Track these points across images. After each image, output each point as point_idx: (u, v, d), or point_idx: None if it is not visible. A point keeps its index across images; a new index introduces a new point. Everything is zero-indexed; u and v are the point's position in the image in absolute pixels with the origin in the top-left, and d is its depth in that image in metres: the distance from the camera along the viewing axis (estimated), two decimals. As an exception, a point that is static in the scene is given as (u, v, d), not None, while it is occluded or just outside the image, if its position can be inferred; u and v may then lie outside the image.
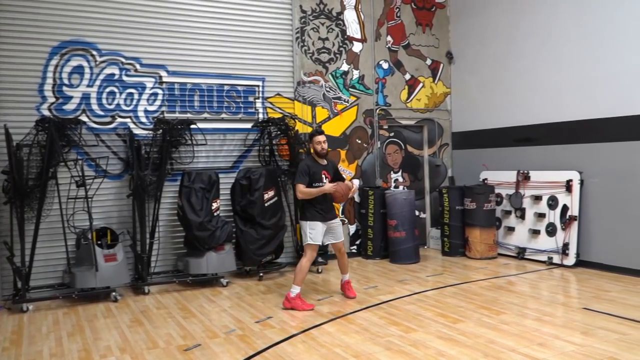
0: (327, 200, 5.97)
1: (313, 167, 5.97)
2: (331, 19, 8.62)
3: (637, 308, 5.30)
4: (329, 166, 6.12)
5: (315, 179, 5.92)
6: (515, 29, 8.33)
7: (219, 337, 4.90)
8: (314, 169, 5.97)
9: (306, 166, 5.96)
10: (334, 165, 6.28)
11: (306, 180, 5.87)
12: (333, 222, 6.04)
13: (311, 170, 5.94)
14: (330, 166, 6.14)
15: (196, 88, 7.64)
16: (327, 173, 6.04)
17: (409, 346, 4.49)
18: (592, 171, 7.19)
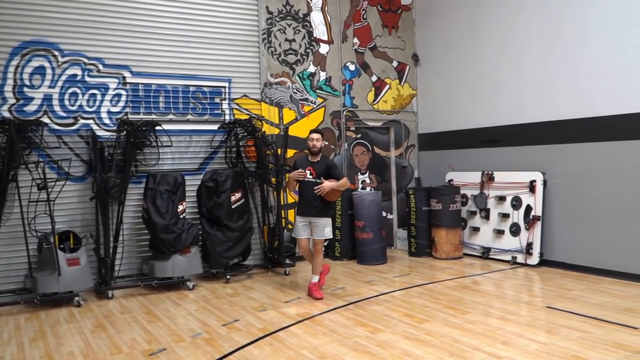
0: (308, 197, 6.16)
1: (299, 163, 6.38)
2: (298, 20, 8.61)
3: (599, 306, 5.43)
4: (319, 164, 6.27)
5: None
6: (479, 32, 8.47)
7: (185, 341, 4.83)
8: (300, 164, 6.33)
9: (294, 161, 6.61)
10: (326, 163, 6.36)
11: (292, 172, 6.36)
12: (315, 220, 6.20)
13: (297, 165, 6.39)
14: (320, 164, 6.28)
15: (161, 89, 7.53)
16: (312, 169, 6.22)
17: (375, 347, 4.51)
18: (555, 172, 7.35)
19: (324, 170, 6.27)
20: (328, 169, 6.30)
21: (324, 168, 6.28)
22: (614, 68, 6.57)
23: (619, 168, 6.57)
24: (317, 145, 6.25)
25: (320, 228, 6.22)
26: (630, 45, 6.38)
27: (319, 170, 6.24)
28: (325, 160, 6.42)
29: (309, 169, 6.24)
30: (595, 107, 6.80)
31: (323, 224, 6.23)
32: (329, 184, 6.12)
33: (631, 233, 6.44)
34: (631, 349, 4.23)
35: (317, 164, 6.27)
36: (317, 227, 6.21)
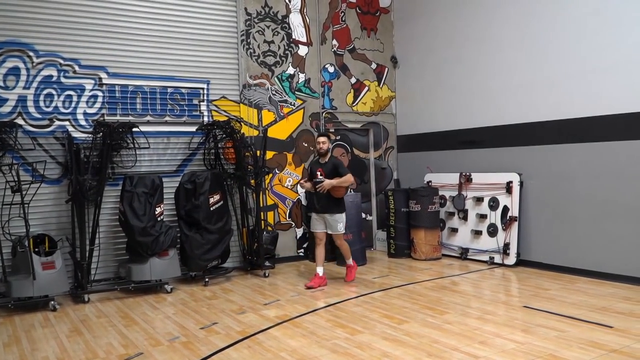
0: (320, 196, 6.74)
1: (313, 166, 7.04)
2: (276, 22, 8.60)
3: (575, 306, 5.50)
4: (327, 164, 6.82)
5: (312, 176, 6.89)
6: (457, 34, 8.54)
7: (162, 345, 4.78)
8: (313, 167, 6.98)
9: (309, 165, 7.37)
10: (333, 163, 6.88)
11: (308, 176, 7.04)
12: (327, 217, 6.79)
13: (311, 168, 7.05)
14: (328, 164, 6.83)
15: (138, 90, 7.46)
16: (321, 170, 6.78)
17: (354, 348, 4.51)
18: (531, 173, 7.44)
19: (331, 169, 6.77)
20: (335, 168, 6.79)
21: (331, 167, 6.79)
22: (589, 70, 6.68)
23: (593, 169, 6.67)
24: (323, 147, 6.83)
25: (334, 225, 6.82)
26: (605, 48, 6.49)
27: (326, 170, 6.77)
28: (333, 160, 6.95)
29: (319, 170, 6.81)
30: (570, 109, 6.90)
31: (336, 220, 6.80)
32: (328, 182, 6.63)
33: (606, 233, 6.55)
34: (606, 347, 4.29)
35: (325, 165, 6.83)
36: (331, 222, 6.80)
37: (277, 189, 8.57)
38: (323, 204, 6.78)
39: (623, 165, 6.36)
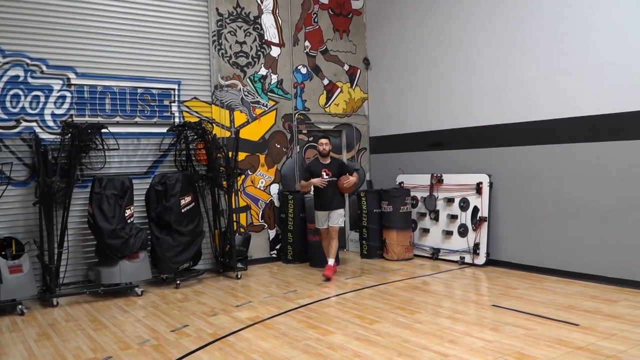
0: (326, 194, 7.21)
1: (314, 166, 7.40)
2: (248, 22, 8.58)
3: (542, 304, 5.61)
4: (332, 164, 7.34)
5: (315, 175, 7.25)
6: (429, 37, 8.64)
7: (132, 348, 4.72)
8: (314, 167, 7.37)
9: (308, 165, 7.64)
10: (338, 163, 7.47)
11: (307, 176, 7.37)
12: (332, 212, 7.26)
13: (312, 168, 7.38)
14: (333, 164, 7.35)
15: (107, 91, 7.35)
16: (327, 170, 7.25)
17: (326, 349, 4.52)
18: (501, 174, 7.56)
19: (337, 169, 7.33)
20: (341, 168, 7.39)
21: (337, 167, 7.35)
22: (556, 73, 6.82)
23: (559, 170, 6.81)
24: (326, 148, 7.34)
25: (337, 218, 7.31)
26: (572, 51, 6.63)
27: (333, 170, 7.30)
28: (336, 161, 7.53)
29: (324, 170, 7.26)
30: (538, 112, 7.04)
31: (340, 214, 7.35)
32: (353, 179, 7.25)
33: (572, 233, 6.69)
34: (572, 345, 4.38)
35: (330, 165, 7.33)
36: (334, 216, 7.29)
37: (249, 190, 8.54)
38: (330, 201, 7.26)
39: (587, 166, 6.51)
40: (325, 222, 7.37)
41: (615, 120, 6.21)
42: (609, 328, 4.74)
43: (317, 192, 7.36)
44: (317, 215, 7.43)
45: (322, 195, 7.29)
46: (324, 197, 7.28)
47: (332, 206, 7.29)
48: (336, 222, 7.32)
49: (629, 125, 6.09)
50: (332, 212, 7.30)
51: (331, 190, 7.26)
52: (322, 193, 7.27)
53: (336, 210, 7.32)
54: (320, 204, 7.35)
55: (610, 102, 6.26)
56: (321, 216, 7.37)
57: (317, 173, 7.31)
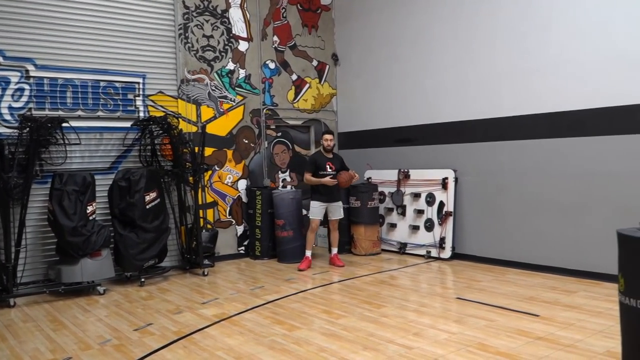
0: (328, 186, 7.49)
1: (319, 159, 7.66)
2: (216, 16, 8.47)
3: (504, 296, 5.69)
4: (335, 159, 7.74)
5: (320, 168, 7.56)
6: (396, 34, 8.67)
7: (93, 349, 4.62)
8: (320, 160, 7.63)
9: (313, 158, 7.80)
10: (339, 158, 7.85)
11: (312, 169, 7.59)
12: (333, 204, 7.64)
13: (317, 161, 7.62)
14: (335, 159, 7.76)
15: (69, 84, 7.17)
16: (331, 164, 7.62)
17: (292, 344, 4.50)
18: (465, 169, 7.65)
19: (339, 164, 7.73)
20: (342, 163, 7.80)
21: (339, 162, 7.76)
22: (518, 71, 6.92)
23: (523, 165, 6.92)
24: (330, 144, 7.67)
25: (338, 210, 7.76)
26: (533, 49, 6.74)
27: (336, 164, 7.68)
28: (338, 156, 7.93)
29: (328, 164, 7.62)
30: (501, 108, 7.13)
31: (340, 205, 7.79)
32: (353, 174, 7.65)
33: (534, 226, 6.81)
34: (532, 335, 4.45)
35: (333, 160, 7.70)
36: (336, 209, 7.71)
37: (216, 186, 8.45)
38: (332, 193, 7.61)
39: (548, 161, 6.63)
40: (320, 213, 7.59)
41: (574, 117, 6.33)
42: (568, 318, 4.84)
43: (320, 184, 7.57)
44: (314, 205, 7.60)
45: (325, 187, 7.54)
46: (327, 189, 7.55)
47: (333, 198, 7.62)
48: (339, 214, 7.76)
49: (587, 122, 6.22)
50: (334, 205, 7.66)
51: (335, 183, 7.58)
52: (326, 186, 7.52)
53: (336, 203, 7.70)
54: (322, 196, 7.57)
55: (569, 100, 6.38)
56: (319, 206, 7.58)
57: (322, 166, 7.58)
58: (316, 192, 7.63)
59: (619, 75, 5.93)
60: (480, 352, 4.13)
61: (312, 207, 7.65)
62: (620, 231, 2.98)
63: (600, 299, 5.42)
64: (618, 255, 3.02)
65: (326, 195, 7.58)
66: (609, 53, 6.00)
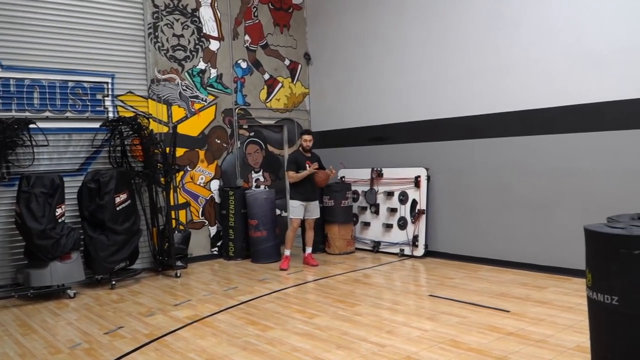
0: (307, 185, 7.59)
1: (299, 158, 7.72)
2: (186, 15, 8.39)
3: (476, 292, 5.77)
4: (313, 158, 7.78)
5: (301, 167, 7.60)
6: (366, 34, 8.70)
7: (63, 353, 4.54)
8: (300, 159, 7.69)
9: (294, 157, 7.83)
10: (317, 157, 7.86)
11: (294, 167, 7.62)
12: (311, 203, 7.69)
13: (298, 160, 7.67)
14: (313, 158, 7.78)
15: (36, 84, 7.02)
16: (310, 162, 7.66)
17: (265, 344, 4.49)
18: (437, 167, 7.72)
19: (318, 162, 7.80)
20: (319, 162, 7.83)
21: (317, 161, 7.80)
22: (488, 70, 7.01)
23: (493, 163, 7.02)
24: (309, 144, 7.74)
25: (316, 209, 7.80)
26: (503, 47, 6.83)
27: (314, 163, 7.73)
28: (315, 155, 7.92)
29: (307, 162, 7.64)
30: (472, 107, 7.22)
31: (317, 205, 7.85)
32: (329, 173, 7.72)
33: (505, 223, 6.91)
34: (503, 331, 4.52)
35: (311, 158, 7.76)
36: (314, 208, 7.76)
37: (189, 186, 8.38)
38: (310, 192, 7.69)
39: (519, 159, 6.73)
40: (301, 212, 7.62)
41: (544, 115, 6.44)
42: (538, 314, 4.92)
43: (299, 183, 7.59)
44: (294, 204, 7.64)
45: (304, 186, 7.58)
46: (306, 188, 7.61)
47: (313, 197, 7.72)
48: (317, 214, 7.82)
49: (557, 119, 6.33)
50: (312, 204, 7.71)
51: (310, 182, 7.65)
52: (304, 185, 7.59)
53: (314, 202, 7.77)
54: (301, 195, 7.61)
55: (539, 98, 6.48)
56: (299, 206, 7.61)
57: (302, 165, 7.62)
58: (296, 192, 7.65)
59: (587, 74, 6.05)
60: (453, 348, 4.18)
61: (292, 207, 7.68)
62: (587, 227, 3.03)
63: (570, 294, 5.51)
64: (585, 250, 3.07)
65: (305, 194, 7.61)
66: (578, 51, 6.12)
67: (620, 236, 2.77)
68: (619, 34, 5.77)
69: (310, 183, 7.63)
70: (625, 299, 2.76)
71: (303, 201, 7.61)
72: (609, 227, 2.95)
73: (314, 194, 7.77)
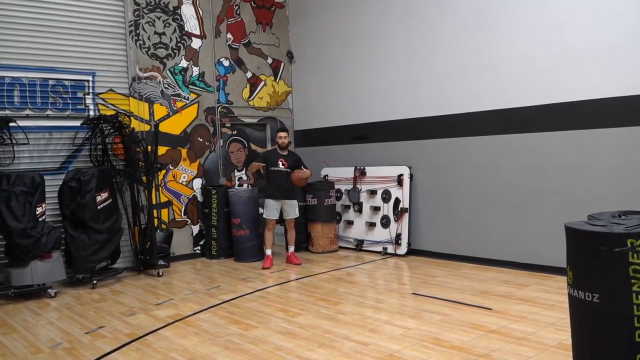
0: (280, 183, 7.51)
1: (270, 156, 7.73)
2: (167, 13, 8.32)
3: (459, 290, 5.81)
4: (289, 156, 7.70)
5: (272, 164, 7.56)
6: (349, 32, 8.72)
7: (44, 352, 4.49)
8: (271, 157, 7.68)
9: (264, 154, 8.04)
10: (295, 157, 7.83)
11: (262, 161, 7.70)
12: (287, 202, 7.59)
13: (267, 157, 7.73)
14: (290, 156, 7.71)
15: (16, 82, 6.92)
16: (284, 160, 7.59)
17: (247, 343, 4.48)
18: (420, 166, 7.77)
19: (294, 162, 7.68)
20: (297, 161, 7.74)
21: (294, 160, 7.72)
22: (468, 69, 7.07)
23: (475, 161, 7.08)
24: (284, 141, 7.67)
25: (292, 209, 7.65)
26: (484, 47, 6.89)
27: (290, 162, 7.63)
28: (294, 154, 7.90)
29: (281, 160, 7.57)
30: (452, 106, 7.27)
31: (294, 205, 7.68)
32: (309, 172, 7.71)
33: (487, 221, 6.98)
34: (485, 328, 4.56)
35: (287, 157, 7.66)
36: (289, 207, 7.62)
37: (171, 185, 8.32)
38: (284, 191, 7.55)
39: (499, 157, 6.80)
40: (275, 212, 7.57)
41: (524, 114, 6.51)
42: (520, 311, 4.97)
43: (272, 181, 7.58)
44: (268, 203, 7.58)
45: (276, 184, 7.53)
46: (279, 186, 7.53)
47: (286, 196, 7.57)
48: (294, 214, 7.68)
49: (536, 118, 6.40)
50: (286, 203, 7.58)
51: (286, 180, 7.55)
52: (277, 182, 7.53)
53: (290, 201, 7.62)
54: (274, 193, 7.55)
55: (518, 97, 6.55)
56: (272, 205, 7.55)
57: (274, 162, 7.56)
58: (268, 190, 7.65)
59: (565, 73, 6.13)
60: (435, 346, 4.21)
61: (266, 206, 7.63)
62: (567, 225, 3.07)
63: (552, 292, 5.58)
64: (566, 248, 3.11)
65: (278, 193, 7.56)
66: (557, 50, 6.19)
67: (601, 234, 2.80)
68: (597, 32, 5.86)
69: (284, 181, 7.56)
70: (606, 297, 2.79)
71: (275, 200, 7.54)
72: (589, 224, 2.98)
73: (288, 193, 7.62)
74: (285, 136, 7.73)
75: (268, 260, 7.61)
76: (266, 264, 7.55)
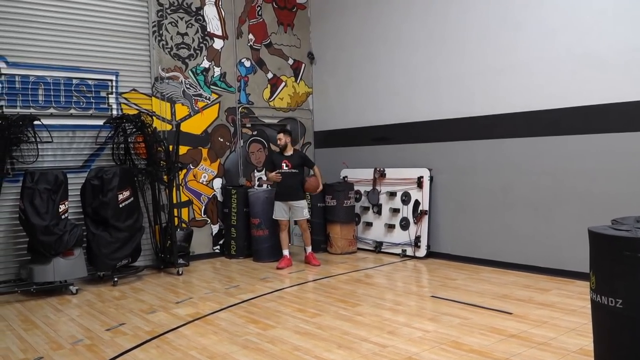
0: (286, 185, 7.51)
1: (275, 158, 7.73)
2: (190, 14, 8.39)
3: (478, 294, 5.76)
4: (293, 156, 7.66)
5: (277, 167, 7.58)
6: (370, 33, 8.70)
7: (64, 349, 4.55)
8: (276, 159, 7.69)
9: (270, 157, 8.06)
10: (300, 156, 7.80)
11: (270, 167, 7.69)
12: (294, 204, 7.54)
13: (273, 160, 7.72)
14: (294, 156, 7.67)
15: (40, 81, 7.04)
16: (288, 162, 7.56)
17: (266, 343, 4.49)
18: (440, 168, 7.71)
19: (298, 162, 7.65)
20: (303, 160, 7.74)
21: (299, 160, 7.67)
22: (490, 70, 7.00)
23: (496, 164, 7.01)
24: (281, 143, 7.65)
25: (299, 210, 7.60)
26: (506, 48, 6.82)
27: (294, 162, 7.60)
28: (299, 154, 7.90)
29: (284, 162, 7.57)
30: (474, 107, 7.21)
31: (301, 206, 7.61)
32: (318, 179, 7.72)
33: (507, 225, 6.90)
34: (505, 332, 4.51)
35: (291, 157, 7.63)
36: (297, 209, 7.59)
37: (191, 184, 8.39)
38: (290, 192, 7.53)
39: (521, 160, 6.72)
40: (284, 213, 7.60)
41: (547, 116, 6.43)
42: (541, 316, 4.91)
43: (278, 183, 7.60)
44: (276, 205, 7.63)
45: (282, 186, 7.55)
46: (284, 188, 7.55)
47: (291, 197, 7.54)
48: (302, 215, 7.65)
49: (560, 121, 6.32)
50: (293, 204, 7.55)
51: (291, 181, 7.53)
52: (283, 184, 7.53)
53: (297, 202, 7.58)
54: (280, 195, 7.61)
55: (542, 99, 6.47)
56: (280, 206, 7.60)
57: (279, 164, 7.57)
58: (276, 192, 7.71)
59: (590, 75, 6.04)
60: (454, 349, 4.17)
61: (274, 208, 7.68)
62: (591, 229, 3.03)
63: (573, 297, 5.50)
64: (589, 253, 3.07)
65: (284, 195, 7.58)
66: (580, 52, 6.11)
67: (625, 238, 2.76)
68: (621, 35, 5.76)
69: (289, 183, 7.54)
70: (630, 302, 2.75)
71: (283, 201, 7.57)
72: (613, 229, 2.94)
73: (295, 194, 7.58)
74: (280, 138, 7.69)
75: (284, 260, 7.64)
76: (281, 264, 7.58)
